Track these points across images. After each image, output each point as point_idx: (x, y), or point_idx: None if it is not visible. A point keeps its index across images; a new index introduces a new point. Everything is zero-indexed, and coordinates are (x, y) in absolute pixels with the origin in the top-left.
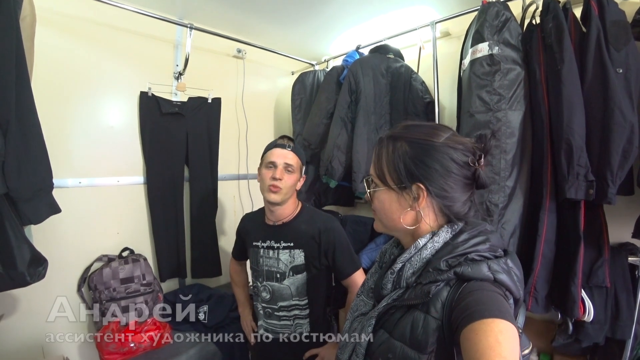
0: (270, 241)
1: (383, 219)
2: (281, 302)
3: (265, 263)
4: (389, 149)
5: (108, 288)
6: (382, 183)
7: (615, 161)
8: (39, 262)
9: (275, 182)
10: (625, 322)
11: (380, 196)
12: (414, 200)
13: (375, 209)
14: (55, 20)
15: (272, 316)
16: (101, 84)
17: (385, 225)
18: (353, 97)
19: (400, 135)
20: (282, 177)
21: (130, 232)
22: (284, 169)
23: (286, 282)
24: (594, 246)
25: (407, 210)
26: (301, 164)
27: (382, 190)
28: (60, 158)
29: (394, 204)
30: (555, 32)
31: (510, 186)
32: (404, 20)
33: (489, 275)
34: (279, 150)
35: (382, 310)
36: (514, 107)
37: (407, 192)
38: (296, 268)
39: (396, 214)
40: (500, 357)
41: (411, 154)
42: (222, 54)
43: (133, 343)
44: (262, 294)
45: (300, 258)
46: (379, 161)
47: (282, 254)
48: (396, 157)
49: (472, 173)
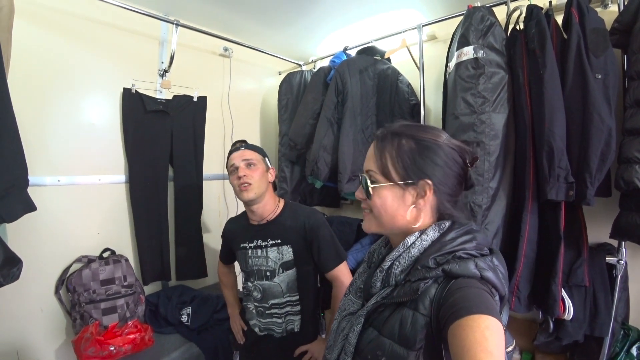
0: (257, 240)
1: (382, 217)
2: (272, 300)
3: (254, 263)
4: (394, 144)
5: (87, 290)
6: (385, 178)
7: (594, 164)
8: (12, 263)
9: (241, 179)
10: (604, 320)
11: (382, 192)
12: (420, 196)
13: (373, 207)
14: (35, 12)
15: (264, 315)
16: (82, 79)
17: (382, 223)
18: (340, 97)
19: (403, 132)
20: (246, 173)
21: (112, 232)
22: (245, 166)
23: (276, 279)
24: (573, 246)
25: (412, 207)
26: (261, 156)
27: (386, 186)
28: (38, 155)
29: (397, 201)
30: (538, 38)
31: (493, 187)
32: (391, 22)
33: (476, 272)
34: (235, 153)
35: (371, 309)
36: (497, 110)
37: (413, 189)
38: (285, 264)
39: (399, 211)
40: (486, 352)
41: (418, 150)
42: (209, 52)
43: (113, 346)
44: (254, 293)
45: (288, 254)
46: (381, 156)
47: (270, 252)
48: (402, 153)
49: (465, 173)
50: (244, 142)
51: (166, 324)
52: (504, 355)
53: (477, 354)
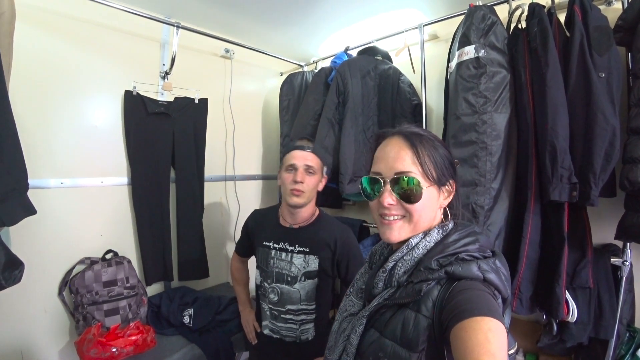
0: (284, 243)
1: (420, 220)
2: (289, 305)
3: (276, 265)
4: (430, 148)
5: (90, 291)
6: (427, 179)
7: (597, 164)
8: (14, 266)
9: (296, 185)
10: (608, 322)
11: (426, 193)
12: (446, 196)
13: (414, 211)
14: (36, 16)
15: (278, 318)
16: (84, 82)
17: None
18: (341, 98)
19: (430, 137)
20: (303, 180)
21: (114, 234)
22: (304, 171)
23: (297, 286)
24: (577, 247)
25: (438, 207)
26: (322, 164)
27: (430, 188)
28: (41, 158)
29: (433, 201)
30: (540, 36)
31: (495, 188)
32: (392, 22)
33: (479, 274)
34: (298, 153)
35: (373, 310)
36: (499, 110)
37: (444, 189)
38: (309, 274)
39: (433, 212)
40: (489, 354)
41: (446, 154)
42: (210, 53)
43: (115, 348)
44: (270, 295)
45: (314, 264)
46: (420, 158)
47: (295, 258)
48: (437, 155)
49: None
50: (310, 144)
51: (168, 325)
52: (507, 357)
53: (480, 357)
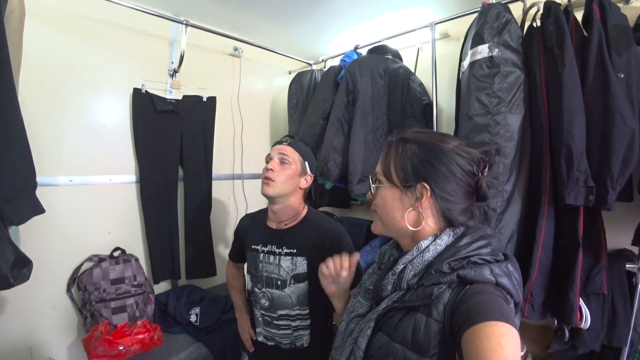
0: (271, 246)
1: (383, 217)
2: (281, 310)
3: (265, 268)
4: (399, 149)
5: (98, 289)
6: (387, 180)
7: (615, 167)
8: (23, 264)
9: (267, 173)
10: (622, 329)
11: (383, 192)
12: (417, 199)
13: (376, 206)
14: (46, 14)
15: (271, 324)
16: (93, 80)
17: (385, 224)
18: (350, 97)
19: (410, 138)
20: (274, 168)
21: (122, 232)
22: (278, 160)
23: (287, 290)
24: (591, 253)
25: (410, 210)
26: (301, 158)
27: (386, 187)
28: (51, 156)
29: (396, 202)
30: (557, 36)
31: (508, 191)
32: (402, 21)
33: (491, 278)
34: (276, 146)
35: (382, 312)
36: (513, 111)
37: (411, 192)
38: (298, 276)
39: (398, 212)
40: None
41: (420, 154)
42: (218, 51)
43: (122, 346)
44: (261, 300)
45: (302, 266)
46: (386, 159)
47: (283, 261)
48: (404, 157)
49: (475, 182)
50: (291, 138)
51: (175, 324)
52: None
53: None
